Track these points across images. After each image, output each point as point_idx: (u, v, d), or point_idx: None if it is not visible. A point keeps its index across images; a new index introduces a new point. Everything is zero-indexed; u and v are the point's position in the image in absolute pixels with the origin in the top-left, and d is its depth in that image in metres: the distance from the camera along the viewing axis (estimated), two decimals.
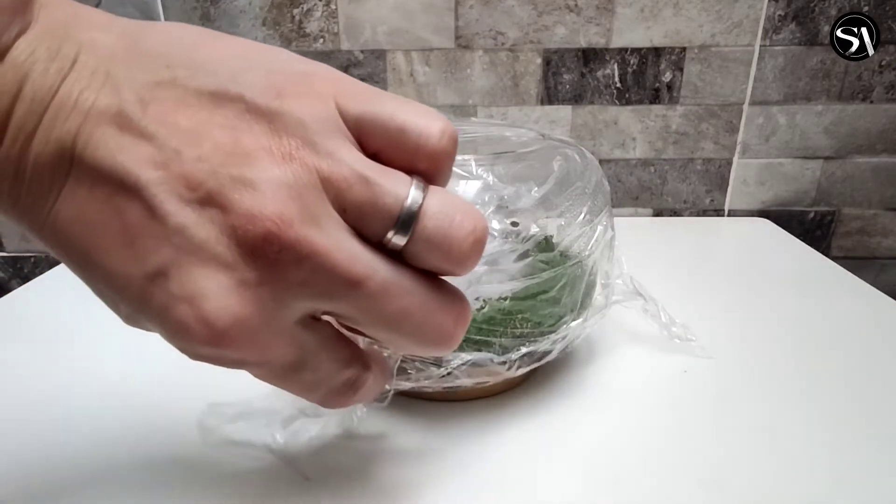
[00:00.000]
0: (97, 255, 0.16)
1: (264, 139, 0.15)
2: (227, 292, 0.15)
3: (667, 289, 0.38)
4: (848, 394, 0.34)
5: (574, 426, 0.31)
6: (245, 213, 0.15)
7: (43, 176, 0.16)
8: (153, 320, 0.16)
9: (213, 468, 0.28)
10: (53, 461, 0.29)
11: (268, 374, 0.18)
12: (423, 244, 0.16)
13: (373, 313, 0.17)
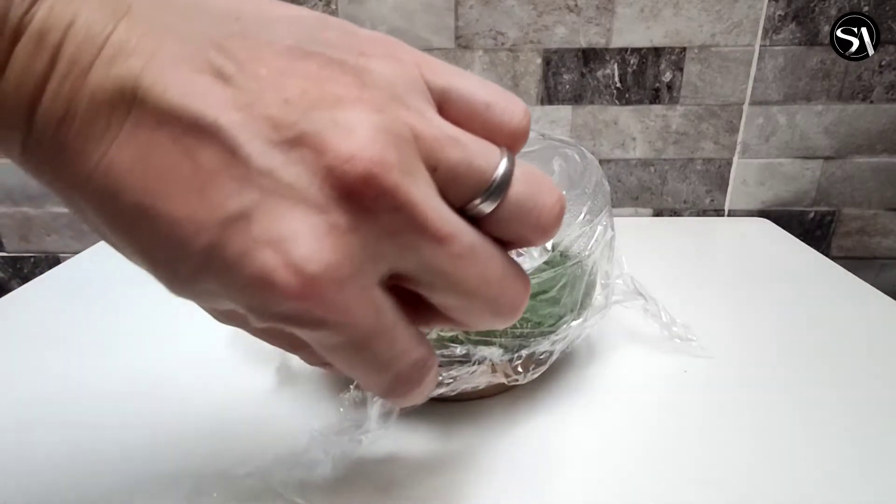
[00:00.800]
0: (160, 202, 0.14)
1: (354, 90, 0.15)
2: (317, 236, 0.14)
3: (667, 289, 0.38)
4: (848, 394, 0.34)
5: (574, 426, 0.31)
6: (343, 153, 0.14)
7: (97, 117, 0.14)
8: (224, 274, 0.14)
9: (214, 469, 0.28)
10: (53, 461, 0.29)
11: (343, 346, 0.16)
12: (513, 210, 0.16)
13: (454, 276, 0.16)
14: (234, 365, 0.37)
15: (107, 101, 0.14)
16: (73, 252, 0.65)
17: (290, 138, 0.14)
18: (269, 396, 0.34)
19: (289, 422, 0.31)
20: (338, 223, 0.14)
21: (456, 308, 0.17)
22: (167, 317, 0.43)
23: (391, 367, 0.17)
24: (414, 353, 0.17)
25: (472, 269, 0.16)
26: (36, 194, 0.66)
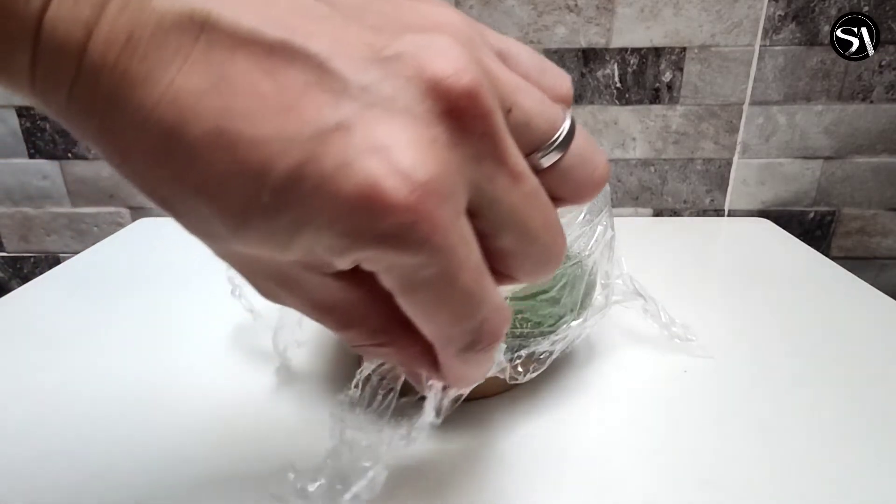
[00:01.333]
0: (240, 124, 0.13)
1: (432, 25, 0.15)
2: (420, 147, 0.13)
3: (667, 289, 0.38)
4: (848, 394, 0.34)
5: (574, 426, 0.31)
6: (446, 69, 0.13)
7: (165, 42, 0.13)
8: (318, 192, 0.13)
9: (214, 469, 0.28)
10: (53, 461, 0.29)
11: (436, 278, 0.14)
12: (573, 164, 0.17)
13: (522, 215, 0.15)
14: (234, 365, 0.37)
15: (175, 25, 0.13)
16: (73, 252, 0.65)
17: (386, 56, 0.13)
18: (269, 396, 0.34)
19: (289, 422, 0.31)
20: (438, 138, 0.13)
21: (514, 253, 0.16)
22: (167, 317, 0.43)
23: (479, 310, 0.16)
24: (497, 296, 0.16)
25: (538, 212, 0.16)
26: (36, 194, 0.66)
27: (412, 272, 0.14)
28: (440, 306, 0.15)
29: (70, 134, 0.63)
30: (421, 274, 0.14)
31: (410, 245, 0.13)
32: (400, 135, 0.13)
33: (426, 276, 0.14)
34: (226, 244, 0.15)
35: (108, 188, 0.66)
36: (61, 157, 0.65)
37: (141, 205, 0.67)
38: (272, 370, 0.36)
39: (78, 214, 0.67)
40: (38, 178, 0.66)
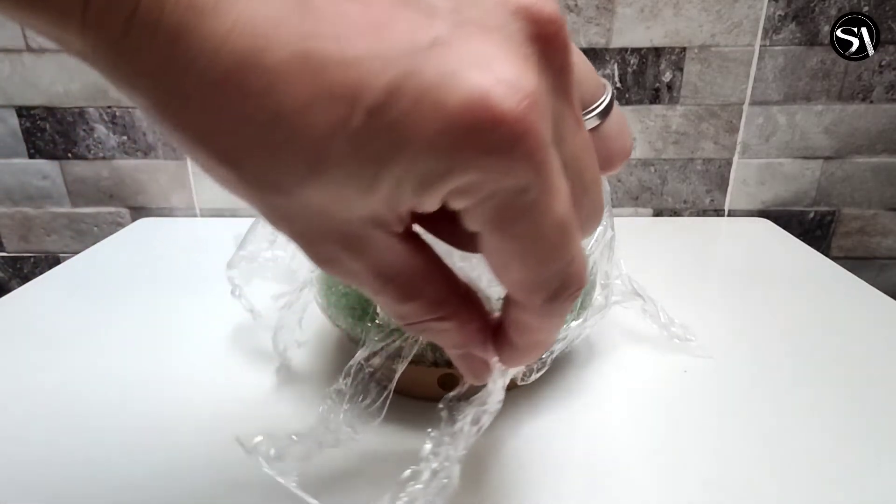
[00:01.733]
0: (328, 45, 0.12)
1: None
2: (518, 61, 0.13)
3: (667, 289, 0.38)
4: (848, 394, 0.34)
5: (574, 426, 0.31)
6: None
7: None
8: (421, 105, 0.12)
9: (214, 469, 0.28)
10: (53, 461, 0.29)
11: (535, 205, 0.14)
12: (611, 131, 0.17)
13: (582, 162, 0.15)
14: (234, 365, 0.37)
15: None
16: (73, 252, 0.65)
17: None
18: (269, 396, 0.34)
19: (289, 422, 0.31)
20: (530, 57, 0.13)
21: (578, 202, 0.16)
22: (167, 317, 0.43)
23: (570, 247, 0.15)
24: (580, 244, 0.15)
25: (592, 162, 0.16)
26: (36, 194, 0.66)
27: (513, 197, 0.13)
28: (536, 241, 0.14)
29: (70, 134, 0.63)
30: (521, 200, 0.13)
31: (517, 161, 0.13)
32: (497, 50, 0.13)
33: (525, 203, 0.14)
34: (295, 194, 0.14)
35: (108, 188, 0.66)
36: (61, 157, 0.65)
37: (141, 205, 0.67)
38: (272, 370, 0.36)
39: (78, 214, 0.67)
40: (38, 178, 0.66)
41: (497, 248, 0.15)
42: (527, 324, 0.17)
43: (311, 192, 0.13)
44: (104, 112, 0.63)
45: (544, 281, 0.15)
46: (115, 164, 0.65)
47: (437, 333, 0.18)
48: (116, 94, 0.62)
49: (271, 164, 0.13)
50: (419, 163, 0.13)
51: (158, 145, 0.64)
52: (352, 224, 0.14)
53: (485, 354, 0.18)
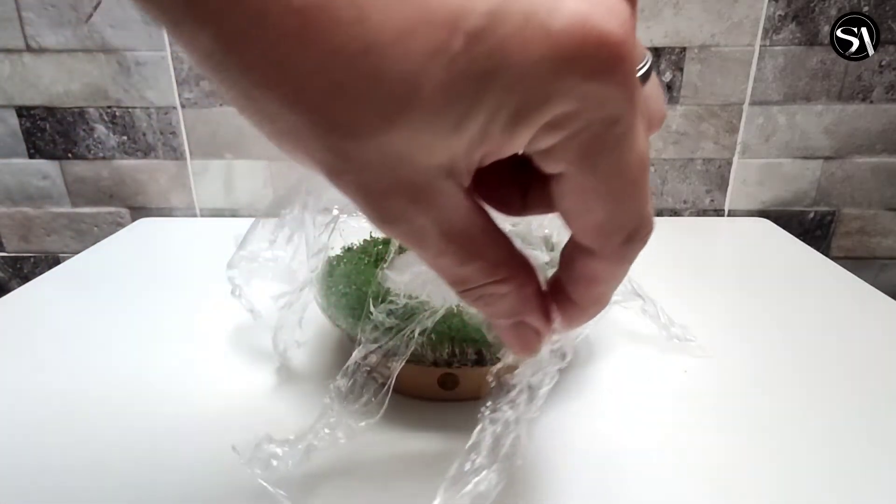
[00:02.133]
0: None
1: None
2: None
3: (667, 289, 0.38)
4: (848, 393, 0.34)
5: (574, 426, 0.31)
6: None
7: None
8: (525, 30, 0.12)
9: (214, 469, 0.28)
10: (52, 461, 0.29)
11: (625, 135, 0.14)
12: (649, 93, 0.17)
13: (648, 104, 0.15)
14: (234, 365, 0.37)
15: None
16: (73, 252, 0.65)
17: None
18: (269, 396, 0.34)
19: (289, 422, 0.31)
20: None
21: None
22: (167, 317, 0.43)
23: (646, 185, 0.15)
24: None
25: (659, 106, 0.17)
26: (36, 194, 0.66)
27: (605, 129, 0.13)
28: (620, 177, 0.14)
29: (70, 134, 0.63)
30: (611, 132, 0.13)
31: (615, 87, 0.13)
32: None
33: (615, 135, 0.13)
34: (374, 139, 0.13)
35: (108, 188, 0.66)
36: (61, 157, 0.65)
37: (141, 205, 0.67)
38: (272, 370, 0.36)
39: (78, 214, 0.67)
40: (38, 178, 0.66)
41: (580, 188, 0.15)
42: (595, 274, 0.17)
43: (393, 135, 0.13)
44: (104, 112, 0.63)
45: (624, 221, 0.15)
46: (115, 164, 0.65)
47: (494, 300, 0.17)
48: (116, 93, 0.62)
49: (355, 103, 0.12)
50: (517, 92, 0.12)
51: (158, 145, 0.64)
52: (425, 173, 0.14)
53: (538, 322, 0.18)
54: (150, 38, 0.60)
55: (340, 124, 0.13)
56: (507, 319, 0.18)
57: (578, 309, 0.18)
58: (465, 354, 0.30)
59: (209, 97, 0.62)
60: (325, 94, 0.12)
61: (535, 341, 0.19)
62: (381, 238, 0.37)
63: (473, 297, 0.17)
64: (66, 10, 0.59)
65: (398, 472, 0.28)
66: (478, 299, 0.17)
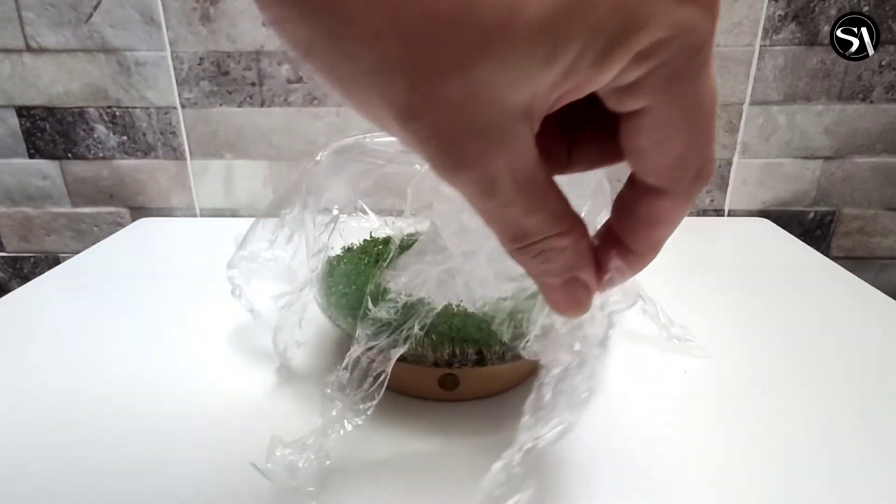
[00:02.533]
0: None
1: None
2: None
3: (667, 289, 0.38)
4: (848, 393, 0.34)
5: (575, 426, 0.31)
6: None
7: None
8: None
9: (214, 469, 0.28)
10: (52, 461, 0.29)
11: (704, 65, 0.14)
12: None
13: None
14: (234, 365, 0.37)
15: None
16: (73, 252, 0.65)
17: None
18: (269, 396, 0.34)
19: (289, 422, 0.31)
20: None
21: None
22: (167, 317, 0.43)
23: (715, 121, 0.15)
24: None
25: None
26: (36, 194, 0.66)
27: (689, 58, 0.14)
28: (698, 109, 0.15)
29: (70, 134, 0.63)
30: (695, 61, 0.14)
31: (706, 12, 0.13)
32: None
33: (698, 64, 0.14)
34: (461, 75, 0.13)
35: (108, 188, 0.66)
36: (61, 157, 0.65)
37: (141, 205, 0.67)
38: (272, 370, 0.36)
39: (78, 214, 0.67)
40: (38, 178, 0.66)
41: (659, 123, 0.15)
42: (660, 217, 0.17)
43: (482, 70, 0.12)
44: (104, 112, 0.63)
45: (697, 156, 0.15)
46: (115, 164, 0.65)
47: (554, 255, 0.17)
48: (116, 93, 0.62)
49: (448, 34, 0.12)
50: (615, 18, 0.12)
51: (158, 145, 0.64)
52: (505, 115, 0.14)
53: (590, 277, 0.18)
54: (150, 38, 0.60)
55: (429, 58, 0.12)
56: (561, 277, 0.18)
57: (636, 257, 0.18)
58: (465, 354, 0.30)
59: (209, 97, 0.62)
60: (418, 26, 0.12)
61: (587, 299, 0.19)
62: (381, 238, 0.37)
63: (533, 254, 0.17)
64: (66, 10, 0.59)
65: (398, 472, 0.28)
66: (537, 255, 0.17)
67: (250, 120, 0.63)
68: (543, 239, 0.16)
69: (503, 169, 0.15)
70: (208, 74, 0.61)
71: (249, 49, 0.60)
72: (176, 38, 0.60)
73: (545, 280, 0.18)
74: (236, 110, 0.63)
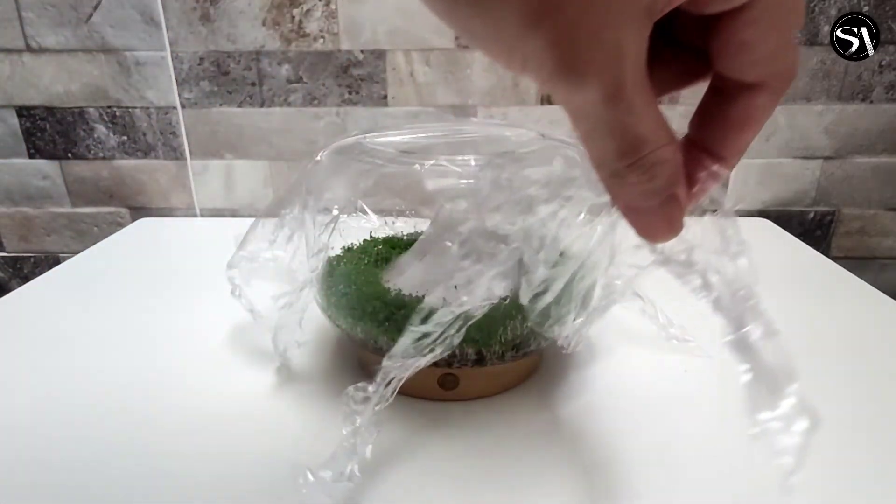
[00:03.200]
0: None
1: None
2: None
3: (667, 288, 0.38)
4: (848, 393, 0.34)
5: (575, 426, 0.31)
6: None
7: None
8: None
9: (214, 469, 0.28)
10: (52, 462, 0.29)
11: None
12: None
13: None
14: (234, 365, 0.37)
15: None
16: (73, 252, 0.65)
17: None
18: (270, 396, 0.34)
19: (289, 422, 0.31)
20: None
21: None
22: (167, 317, 0.43)
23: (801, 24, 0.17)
24: None
25: None
26: (36, 194, 0.66)
27: None
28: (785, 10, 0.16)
29: (70, 134, 0.63)
30: None
31: None
32: None
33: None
34: None
35: (108, 188, 0.66)
36: (61, 157, 0.65)
37: (141, 205, 0.67)
38: (272, 370, 0.36)
39: (78, 214, 0.67)
40: (38, 178, 0.66)
41: (764, 12, 0.15)
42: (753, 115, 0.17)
43: None
44: (104, 112, 0.63)
45: (791, 49, 0.16)
46: (115, 164, 0.65)
47: (662, 168, 0.17)
48: (116, 93, 0.62)
49: None
50: None
51: (158, 145, 0.64)
52: (629, 15, 0.14)
53: (684, 193, 0.18)
54: (150, 38, 0.60)
55: None
56: (662, 195, 0.18)
57: (724, 162, 0.18)
58: (465, 354, 0.30)
59: (209, 97, 0.62)
60: None
61: (681, 217, 0.19)
62: (381, 238, 0.37)
63: (643, 169, 0.17)
64: (66, 10, 0.59)
65: (398, 471, 0.28)
66: (646, 171, 0.17)
67: (250, 120, 0.63)
68: (656, 150, 0.16)
69: (626, 73, 0.15)
70: (208, 74, 0.61)
71: (249, 49, 0.60)
72: (176, 38, 0.60)
73: (645, 203, 0.18)
74: (236, 110, 0.63)
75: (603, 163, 0.17)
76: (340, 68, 0.61)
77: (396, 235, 0.37)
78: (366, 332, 0.31)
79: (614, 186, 0.18)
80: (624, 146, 0.16)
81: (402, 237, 0.37)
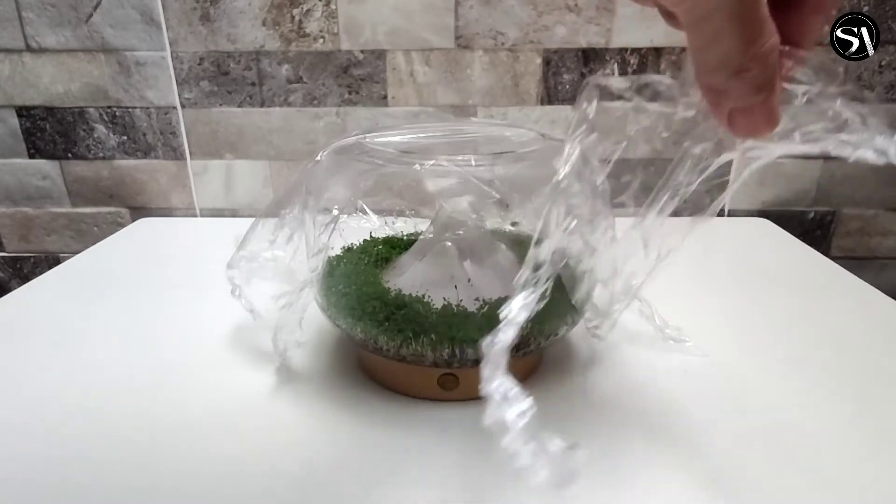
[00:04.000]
0: None
1: None
2: None
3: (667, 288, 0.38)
4: (848, 393, 0.34)
5: (574, 426, 0.31)
6: None
7: None
8: None
9: (214, 470, 0.28)
10: (52, 462, 0.29)
11: None
12: None
13: None
14: (234, 365, 0.37)
15: None
16: (73, 252, 0.65)
17: None
18: (269, 396, 0.34)
19: (289, 422, 0.31)
20: None
21: None
22: (167, 317, 0.43)
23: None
24: None
25: None
26: (36, 194, 0.66)
27: None
28: None
29: (70, 134, 0.63)
30: None
31: None
32: None
33: None
34: None
35: (108, 188, 0.66)
36: (61, 157, 0.65)
37: (141, 205, 0.67)
38: (272, 370, 0.36)
39: (78, 214, 0.67)
40: (38, 178, 0.66)
41: None
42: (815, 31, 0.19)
43: None
44: (104, 112, 0.63)
45: None
46: (115, 164, 0.65)
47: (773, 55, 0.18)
48: (116, 93, 0.62)
49: None
50: None
51: (158, 145, 0.64)
52: None
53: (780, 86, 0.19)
54: (150, 39, 0.60)
55: None
56: (768, 90, 0.19)
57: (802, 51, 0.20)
58: (465, 354, 0.30)
59: (209, 97, 0.62)
60: None
61: (777, 110, 0.20)
62: (381, 238, 0.37)
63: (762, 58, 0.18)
64: (66, 10, 0.59)
65: (397, 471, 0.28)
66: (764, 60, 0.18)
67: (250, 120, 0.63)
68: (772, 35, 0.17)
69: None
70: (208, 74, 0.61)
71: (249, 49, 0.60)
72: (176, 38, 0.60)
73: (756, 97, 0.19)
74: (236, 110, 0.63)
75: (727, 62, 0.18)
76: (340, 68, 0.61)
77: (396, 235, 0.37)
78: (366, 332, 0.31)
79: (735, 87, 0.18)
80: (750, 34, 0.17)
81: (402, 237, 0.37)
